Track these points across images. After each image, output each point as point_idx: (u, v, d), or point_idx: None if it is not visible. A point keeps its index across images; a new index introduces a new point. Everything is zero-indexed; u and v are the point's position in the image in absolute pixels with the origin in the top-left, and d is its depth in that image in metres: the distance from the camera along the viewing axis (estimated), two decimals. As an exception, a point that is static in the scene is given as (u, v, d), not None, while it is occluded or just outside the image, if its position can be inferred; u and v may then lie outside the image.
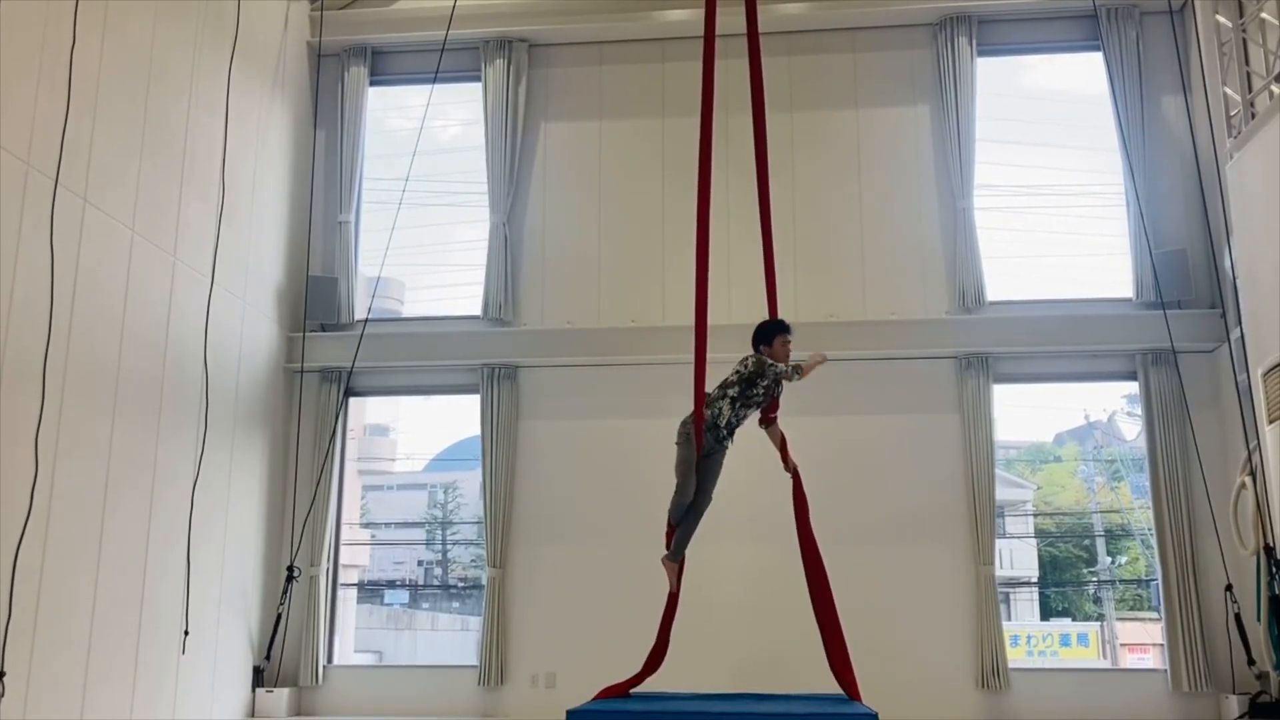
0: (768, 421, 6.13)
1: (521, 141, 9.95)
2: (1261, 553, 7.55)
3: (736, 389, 5.82)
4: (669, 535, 5.92)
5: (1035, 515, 15.70)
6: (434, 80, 9.65)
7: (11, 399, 5.93)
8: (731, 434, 5.85)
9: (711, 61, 6.02)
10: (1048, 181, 9.72)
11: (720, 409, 5.77)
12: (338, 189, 10.01)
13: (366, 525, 15.87)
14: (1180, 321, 8.76)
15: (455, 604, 17.81)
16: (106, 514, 6.87)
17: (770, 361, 5.82)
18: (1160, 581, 8.68)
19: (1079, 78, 10.13)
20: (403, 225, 9.57)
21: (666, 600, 5.89)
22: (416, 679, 9.44)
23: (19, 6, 6.12)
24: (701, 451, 5.71)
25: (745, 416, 5.88)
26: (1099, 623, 15.81)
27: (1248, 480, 7.76)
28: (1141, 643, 14.72)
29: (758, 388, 5.82)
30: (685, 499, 5.73)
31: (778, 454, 6.19)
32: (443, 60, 9.61)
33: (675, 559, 5.84)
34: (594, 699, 5.62)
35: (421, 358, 9.78)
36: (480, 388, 9.54)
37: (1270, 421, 7.11)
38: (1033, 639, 15.25)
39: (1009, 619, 13.73)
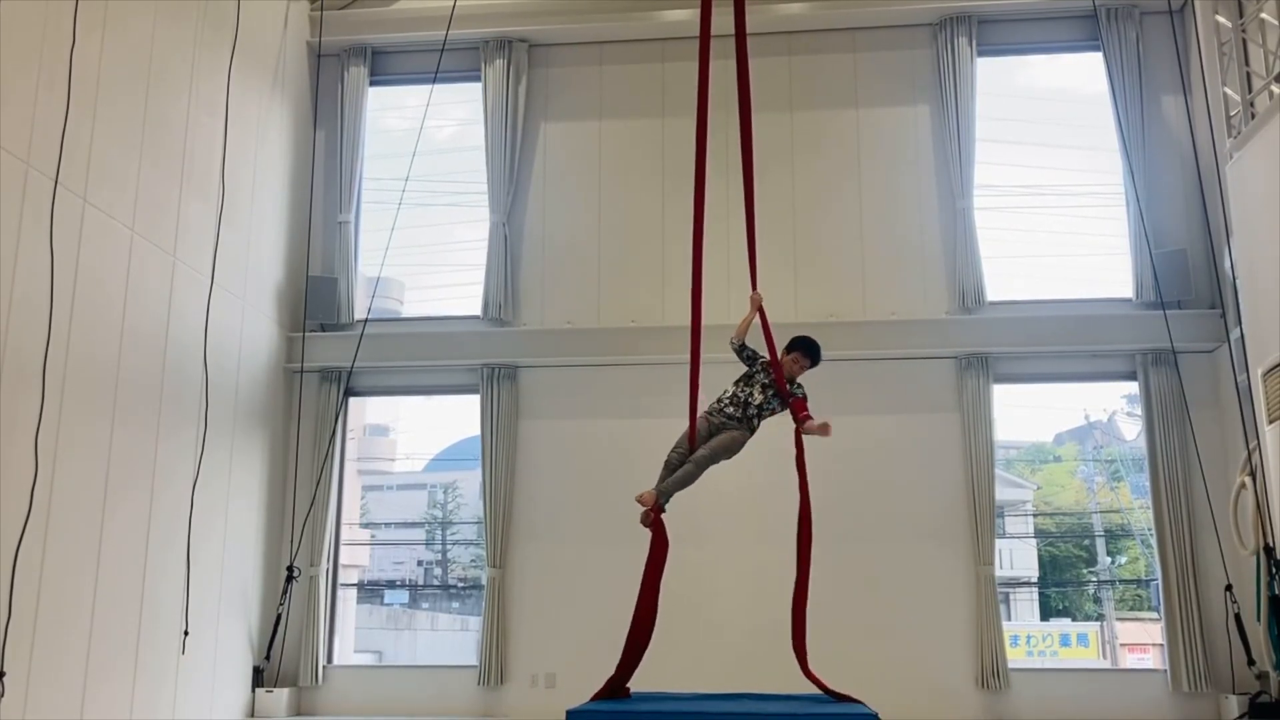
0: (800, 421, 5.90)
1: (521, 141, 9.94)
2: (1261, 553, 7.55)
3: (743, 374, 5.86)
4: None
5: (1035, 515, 15.70)
6: (434, 80, 9.65)
7: (11, 399, 5.92)
8: (739, 407, 5.67)
9: (707, 62, 5.99)
10: (1048, 181, 9.73)
11: (726, 389, 5.80)
12: (337, 189, 10.01)
13: (366, 525, 15.88)
14: (1180, 321, 8.76)
15: (455, 604, 17.82)
16: (106, 514, 6.86)
17: (766, 360, 5.79)
18: (1160, 581, 8.69)
19: (1079, 78, 10.14)
20: (402, 225, 9.59)
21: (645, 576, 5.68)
22: (416, 679, 9.46)
23: (19, 6, 6.11)
24: (695, 440, 5.66)
25: (750, 397, 5.69)
26: (1099, 623, 15.81)
27: (1248, 480, 7.76)
28: (1141, 643, 14.72)
29: (756, 367, 5.82)
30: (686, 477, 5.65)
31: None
32: (442, 60, 9.62)
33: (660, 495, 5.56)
34: (592, 699, 5.61)
35: (421, 358, 9.78)
36: (480, 388, 9.54)
37: (1270, 421, 7.11)
38: (1033, 639, 15.24)
39: (1009, 619, 13.72)
